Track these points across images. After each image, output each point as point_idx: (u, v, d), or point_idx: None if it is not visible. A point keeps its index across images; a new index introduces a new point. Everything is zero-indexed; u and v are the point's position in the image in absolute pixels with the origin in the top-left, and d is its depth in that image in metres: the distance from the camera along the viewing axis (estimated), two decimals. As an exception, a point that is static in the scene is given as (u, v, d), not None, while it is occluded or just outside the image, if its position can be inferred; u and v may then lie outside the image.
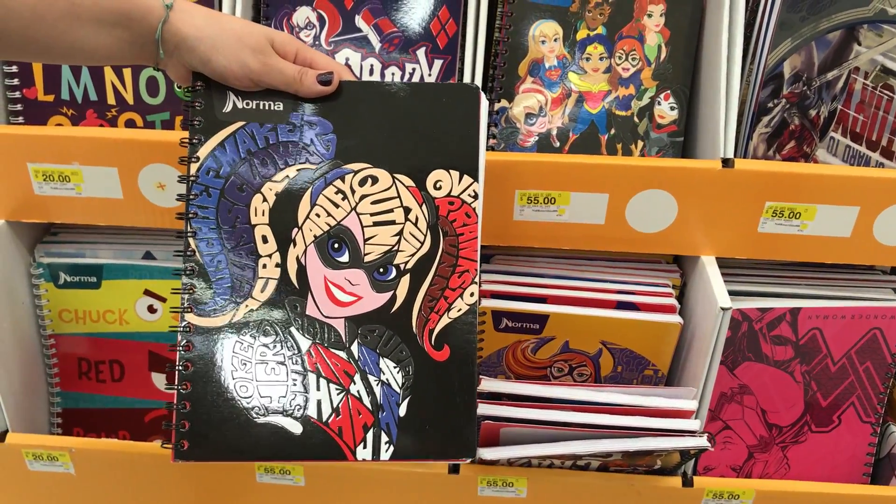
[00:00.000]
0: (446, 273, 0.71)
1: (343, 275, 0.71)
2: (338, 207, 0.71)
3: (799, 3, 0.88)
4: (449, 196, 0.72)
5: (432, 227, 0.72)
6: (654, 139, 0.96)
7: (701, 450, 0.86)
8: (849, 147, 0.94)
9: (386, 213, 0.72)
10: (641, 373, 0.97)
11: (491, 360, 0.97)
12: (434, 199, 0.72)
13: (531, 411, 0.86)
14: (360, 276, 0.71)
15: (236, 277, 0.71)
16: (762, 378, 0.99)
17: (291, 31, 0.95)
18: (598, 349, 0.95)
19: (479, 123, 0.73)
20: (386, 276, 0.71)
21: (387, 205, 0.72)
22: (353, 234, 0.72)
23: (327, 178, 0.72)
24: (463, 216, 0.72)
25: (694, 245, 0.93)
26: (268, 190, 0.71)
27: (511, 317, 0.93)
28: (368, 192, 0.72)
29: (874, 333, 0.97)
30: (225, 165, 0.71)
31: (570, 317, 0.92)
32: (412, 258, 0.71)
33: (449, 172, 0.72)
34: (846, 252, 0.92)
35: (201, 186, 0.71)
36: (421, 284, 0.71)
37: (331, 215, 0.72)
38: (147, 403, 1.07)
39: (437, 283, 0.71)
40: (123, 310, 1.03)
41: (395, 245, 0.71)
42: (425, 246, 0.72)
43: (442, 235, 0.72)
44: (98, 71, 0.95)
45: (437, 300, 0.71)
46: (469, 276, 0.71)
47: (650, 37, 0.95)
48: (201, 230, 0.71)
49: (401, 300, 0.71)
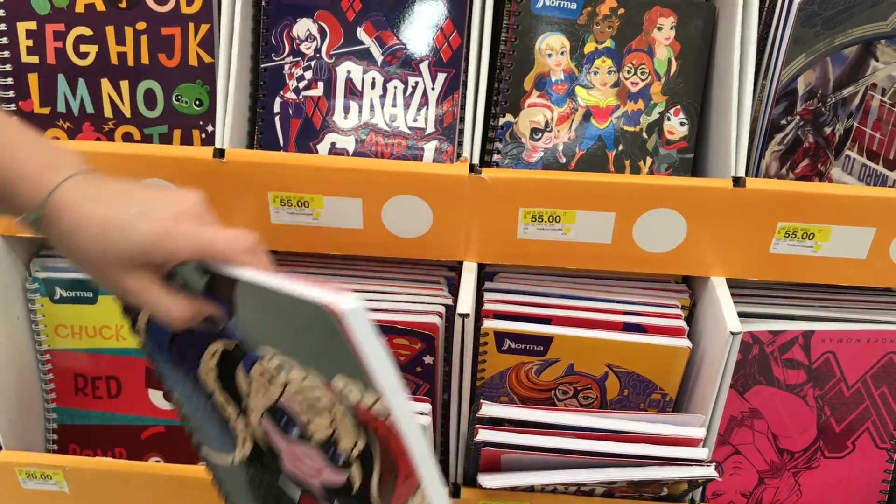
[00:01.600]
0: (390, 472, 0.59)
1: (301, 449, 0.64)
2: (270, 386, 0.63)
3: (814, 18, 0.86)
4: (359, 406, 0.56)
5: (358, 425, 0.58)
6: (664, 156, 0.94)
7: (708, 479, 0.84)
8: (865, 166, 0.92)
9: (314, 401, 0.60)
10: (648, 397, 0.94)
11: (494, 382, 0.94)
12: (350, 402, 0.56)
13: (533, 438, 0.84)
14: (314, 454, 0.63)
15: (220, 429, 0.69)
16: (773, 402, 0.96)
17: (291, 43, 0.93)
18: (604, 372, 0.92)
19: (356, 344, 0.51)
20: (336, 460, 0.62)
21: (311, 393, 0.60)
22: (295, 413, 0.63)
23: (248, 357, 0.64)
24: (384, 427, 0.56)
25: (704, 266, 0.91)
26: (207, 362, 0.66)
27: (514, 338, 0.90)
28: (289, 379, 0.61)
29: (890, 358, 0.95)
30: (162, 340, 0.68)
31: (575, 339, 0.89)
32: (353, 450, 0.60)
33: (352, 380, 0.54)
34: (861, 274, 0.90)
35: (155, 355, 0.69)
36: (371, 477, 0.60)
37: (267, 394, 0.64)
38: (144, 420, 1.05)
39: (386, 479, 0.60)
40: (120, 325, 1.01)
41: (332, 434, 0.61)
42: (360, 442, 0.59)
43: (373, 435, 0.58)
44: (95, 83, 0.93)
45: (392, 495, 0.61)
46: (414, 480, 0.56)
47: (660, 50, 0.93)
48: (175, 389, 0.69)
49: (357, 485, 0.62)
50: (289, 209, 0.89)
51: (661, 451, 0.83)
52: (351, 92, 0.93)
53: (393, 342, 0.91)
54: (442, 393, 0.97)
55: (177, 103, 0.94)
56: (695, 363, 0.94)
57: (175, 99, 0.94)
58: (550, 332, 0.90)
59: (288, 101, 0.93)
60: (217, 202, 0.89)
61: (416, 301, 0.94)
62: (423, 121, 0.93)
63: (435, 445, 0.97)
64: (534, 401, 0.95)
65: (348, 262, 0.99)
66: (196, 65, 0.93)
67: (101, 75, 0.93)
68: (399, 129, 0.93)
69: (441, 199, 0.87)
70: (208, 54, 0.93)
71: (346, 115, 0.93)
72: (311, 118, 0.93)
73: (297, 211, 0.89)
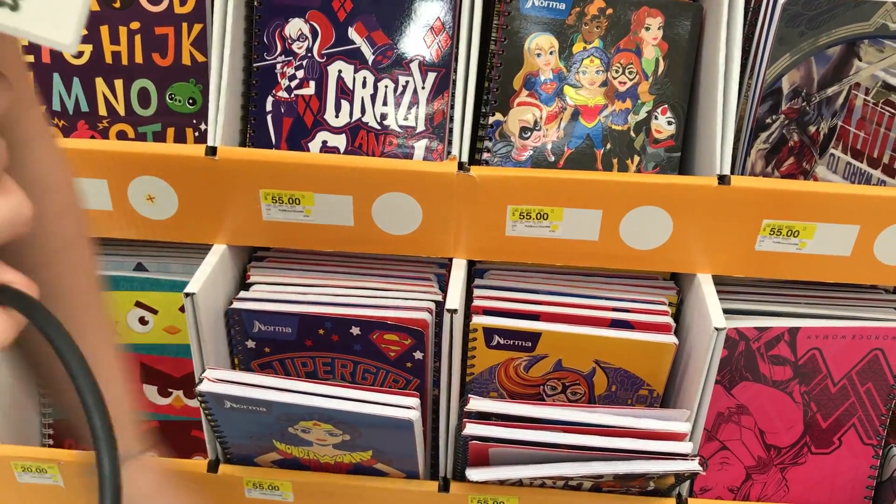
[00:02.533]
0: None
1: None
2: None
3: (798, 18, 0.87)
4: None
5: None
6: (651, 154, 0.95)
7: (693, 473, 0.84)
8: (849, 164, 0.92)
9: None
10: (636, 392, 0.95)
11: (483, 378, 0.95)
12: None
13: (520, 432, 0.85)
14: None
15: None
16: (760, 398, 0.97)
17: (283, 42, 0.94)
18: (592, 368, 0.93)
19: None
20: None
21: None
22: None
23: None
24: None
25: (690, 263, 0.91)
26: None
27: (503, 334, 0.91)
28: None
29: (875, 354, 0.95)
30: None
31: (563, 335, 0.90)
32: None
33: None
34: (846, 271, 0.90)
35: None
36: None
37: None
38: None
39: None
40: (116, 320, 1.02)
41: None
42: None
43: None
44: (89, 82, 0.94)
45: None
46: None
47: (648, 50, 0.93)
48: None
49: None
50: (280, 206, 0.90)
51: (646, 446, 0.84)
52: (342, 91, 0.94)
53: (384, 338, 0.93)
54: (433, 388, 0.98)
55: (170, 102, 0.95)
56: (682, 359, 0.94)
57: (169, 97, 0.95)
58: (538, 328, 0.91)
59: (280, 100, 0.94)
60: (209, 199, 0.90)
61: (406, 297, 0.95)
62: (413, 119, 0.94)
63: (426, 440, 0.98)
64: (523, 396, 0.96)
65: (340, 258, 1.00)
66: (189, 64, 0.94)
67: (95, 74, 0.94)
68: (390, 128, 0.94)
69: (430, 197, 0.88)
70: (201, 53, 0.94)
71: (337, 113, 0.94)
72: (302, 117, 0.94)
73: (288, 208, 0.90)
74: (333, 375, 0.96)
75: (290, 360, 0.95)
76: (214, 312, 0.93)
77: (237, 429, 0.92)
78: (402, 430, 0.86)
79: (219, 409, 0.88)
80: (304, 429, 0.89)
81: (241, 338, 0.94)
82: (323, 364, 0.95)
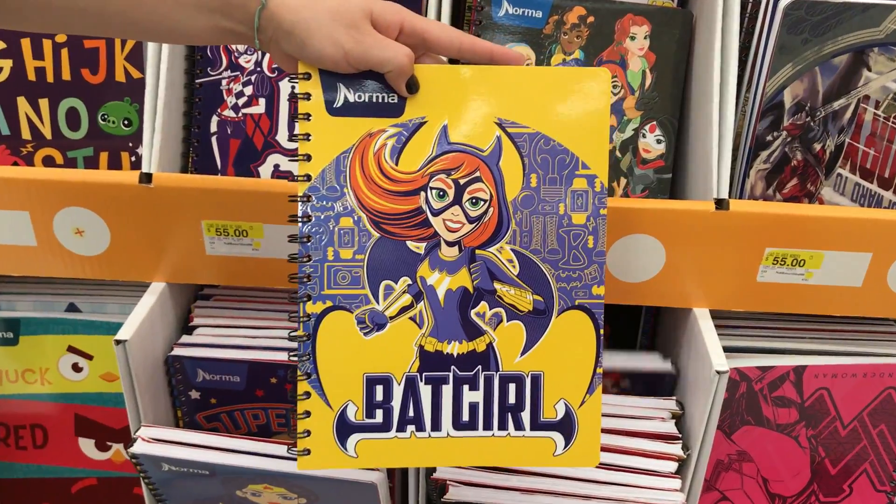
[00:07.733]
0: None
1: None
2: None
3: (801, 24, 0.82)
4: None
5: None
6: (639, 176, 0.88)
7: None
8: (858, 185, 0.87)
9: None
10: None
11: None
12: None
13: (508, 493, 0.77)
14: None
15: None
16: (763, 443, 0.91)
17: (229, 56, 0.86)
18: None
19: None
20: None
21: None
22: None
23: None
24: None
25: (684, 296, 0.85)
26: None
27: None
28: None
29: (889, 393, 0.89)
30: None
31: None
32: None
33: None
34: (857, 303, 0.85)
35: None
36: None
37: None
38: (74, 472, 0.98)
39: None
40: (45, 368, 0.93)
41: None
42: None
43: None
44: (10, 101, 0.86)
45: None
46: None
47: (633, 62, 0.87)
48: None
49: None
50: (225, 239, 0.82)
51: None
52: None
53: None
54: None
55: (103, 123, 0.88)
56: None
57: (101, 118, 0.88)
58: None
59: (226, 120, 0.88)
60: (145, 232, 0.81)
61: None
62: (375, 140, 0.86)
63: (393, 501, 0.89)
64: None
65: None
66: (123, 80, 0.87)
67: (16, 93, 0.87)
68: (349, 150, 0.86)
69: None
70: (137, 69, 0.87)
71: (290, 134, 0.86)
72: (251, 138, 0.88)
73: (234, 241, 0.82)
74: (289, 428, 0.87)
75: (239, 412, 0.87)
76: (153, 360, 0.84)
77: (180, 492, 0.82)
78: (364, 494, 0.77)
79: (156, 472, 0.79)
80: (254, 492, 0.80)
81: (183, 388, 0.85)
82: (277, 416, 0.87)
